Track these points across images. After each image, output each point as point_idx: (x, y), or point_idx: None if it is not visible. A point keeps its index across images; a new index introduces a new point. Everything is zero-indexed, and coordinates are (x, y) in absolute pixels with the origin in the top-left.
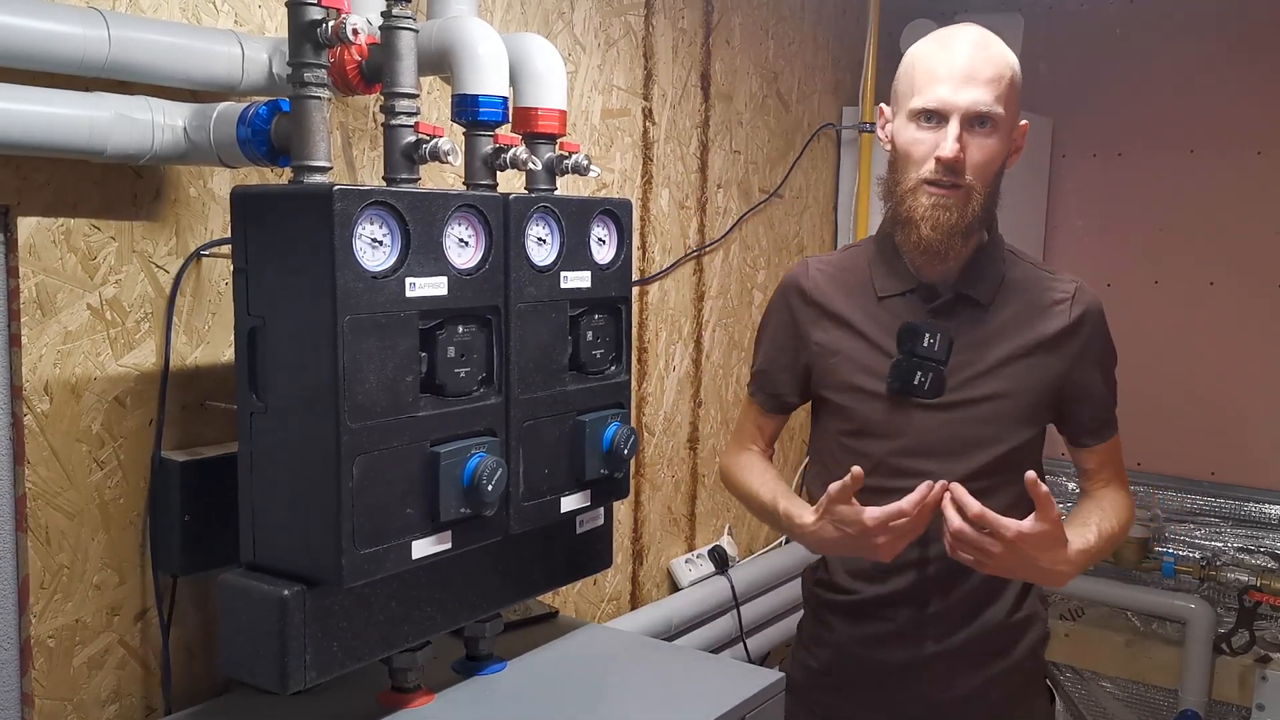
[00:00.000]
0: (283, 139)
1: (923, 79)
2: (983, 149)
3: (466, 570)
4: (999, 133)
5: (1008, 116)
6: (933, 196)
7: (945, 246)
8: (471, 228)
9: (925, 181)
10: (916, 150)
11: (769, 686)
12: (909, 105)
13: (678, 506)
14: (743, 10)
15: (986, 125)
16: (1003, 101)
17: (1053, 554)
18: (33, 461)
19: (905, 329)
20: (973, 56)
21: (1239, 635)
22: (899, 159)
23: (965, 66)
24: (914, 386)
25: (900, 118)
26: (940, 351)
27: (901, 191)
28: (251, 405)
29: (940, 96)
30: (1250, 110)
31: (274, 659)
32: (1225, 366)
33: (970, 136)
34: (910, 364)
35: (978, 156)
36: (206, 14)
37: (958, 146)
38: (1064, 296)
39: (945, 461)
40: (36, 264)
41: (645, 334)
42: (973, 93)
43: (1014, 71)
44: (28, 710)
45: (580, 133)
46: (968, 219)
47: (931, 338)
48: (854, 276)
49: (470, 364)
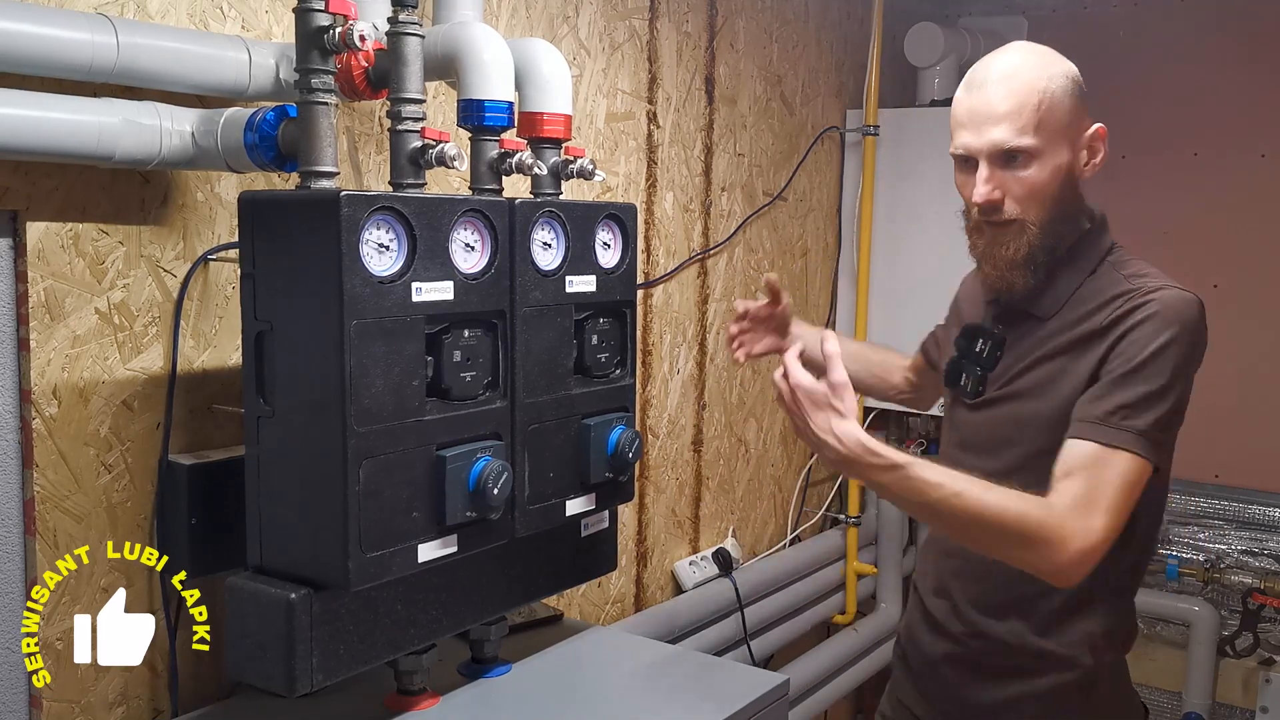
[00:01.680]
0: (290, 144)
1: (953, 124)
2: (1021, 182)
3: (472, 573)
4: (1037, 160)
5: (1047, 139)
6: (985, 235)
7: (1006, 281)
8: (477, 232)
9: (979, 221)
10: (965, 191)
11: (773, 690)
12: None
13: (682, 509)
14: (747, 14)
15: (1019, 159)
16: (1030, 130)
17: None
18: (41, 465)
19: (965, 331)
20: (992, 94)
21: (1243, 638)
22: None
23: (983, 107)
24: (959, 387)
25: None
26: (987, 358)
27: (969, 228)
28: (259, 409)
29: (963, 142)
30: (1254, 113)
31: (281, 662)
32: (1229, 369)
33: (1006, 172)
34: (958, 365)
35: (1018, 190)
36: (214, 20)
37: (986, 189)
38: (1120, 299)
39: (983, 458)
40: (45, 268)
41: (649, 337)
42: (992, 133)
43: (1042, 95)
44: (36, 712)
45: (585, 136)
46: (1024, 251)
47: (983, 343)
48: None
49: (476, 368)
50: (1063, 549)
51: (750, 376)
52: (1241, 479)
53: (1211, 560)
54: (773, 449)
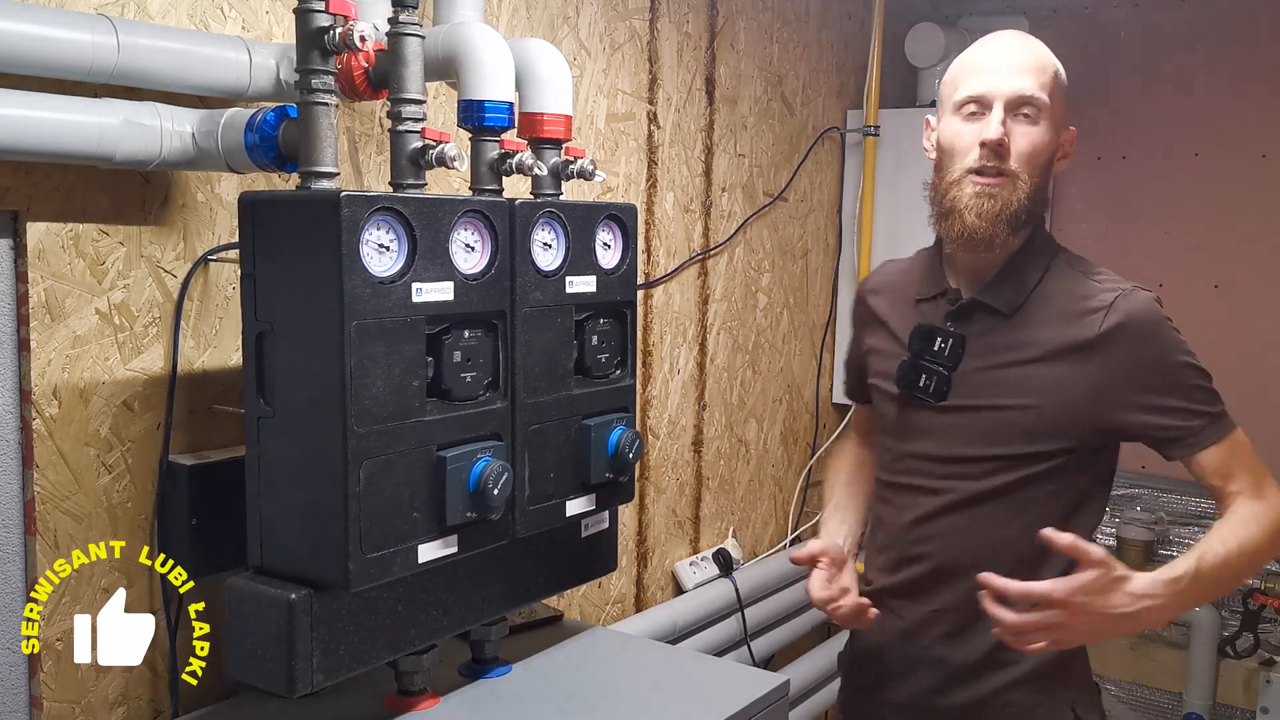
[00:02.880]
0: (290, 145)
1: (967, 72)
2: (1028, 137)
3: (472, 574)
4: (1045, 121)
5: (1054, 107)
6: (977, 185)
7: (990, 235)
8: (477, 233)
9: (970, 171)
10: (960, 142)
11: (773, 690)
12: (954, 98)
13: (682, 509)
14: (747, 14)
15: (1030, 114)
16: (1047, 90)
17: (1118, 595)
18: (41, 465)
19: (918, 330)
20: (1016, 48)
21: (1244, 638)
22: (944, 156)
23: (1008, 57)
24: (919, 389)
25: (945, 118)
26: (949, 357)
27: (946, 184)
28: (259, 410)
29: (984, 84)
30: (1255, 113)
31: (281, 662)
32: (1230, 369)
33: (1015, 124)
34: (917, 366)
35: (1023, 144)
36: (214, 20)
37: (1001, 130)
38: (1099, 305)
39: (946, 464)
40: (45, 269)
41: (650, 337)
42: (1016, 79)
43: (1058, 68)
44: (36, 712)
45: (585, 137)
46: (1013, 207)
47: (943, 342)
48: (907, 279)
49: (476, 368)
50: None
51: (751, 377)
52: None
53: None
54: (773, 449)
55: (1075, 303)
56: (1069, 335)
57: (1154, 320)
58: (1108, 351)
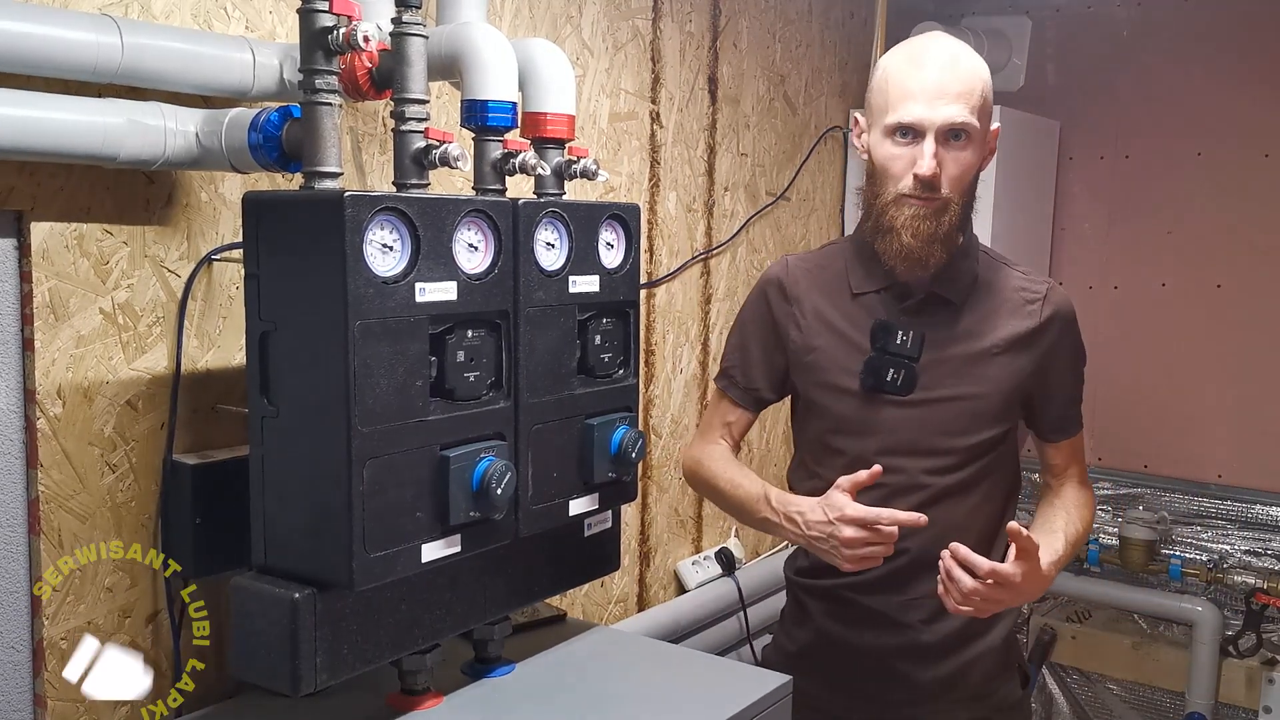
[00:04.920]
0: (294, 145)
1: (896, 95)
2: (958, 162)
3: (475, 573)
4: (973, 144)
5: (981, 128)
6: (912, 208)
7: (926, 254)
8: (481, 233)
9: (904, 195)
10: (894, 166)
11: (776, 689)
12: (885, 120)
13: (685, 509)
14: (750, 14)
15: (961, 139)
16: (976, 113)
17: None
18: (45, 465)
19: (879, 326)
20: (945, 71)
21: (1246, 638)
22: (877, 173)
23: (938, 82)
24: (886, 383)
25: (876, 131)
26: (913, 349)
27: (882, 203)
28: (263, 409)
29: (915, 114)
30: (1257, 112)
31: (285, 661)
32: (1232, 369)
33: (945, 150)
34: (883, 361)
35: (954, 170)
36: (218, 20)
37: (934, 164)
38: (1035, 297)
39: (918, 458)
40: (49, 269)
41: (652, 337)
42: (946, 109)
43: (985, 83)
44: (40, 712)
45: (588, 136)
46: (945, 228)
47: (904, 335)
48: (831, 274)
49: (479, 368)
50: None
51: None
52: (1244, 479)
53: (1214, 560)
54: (776, 449)
55: (1013, 294)
56: (1015, 325)
57: (1074, 313)
58: (1042, 340)
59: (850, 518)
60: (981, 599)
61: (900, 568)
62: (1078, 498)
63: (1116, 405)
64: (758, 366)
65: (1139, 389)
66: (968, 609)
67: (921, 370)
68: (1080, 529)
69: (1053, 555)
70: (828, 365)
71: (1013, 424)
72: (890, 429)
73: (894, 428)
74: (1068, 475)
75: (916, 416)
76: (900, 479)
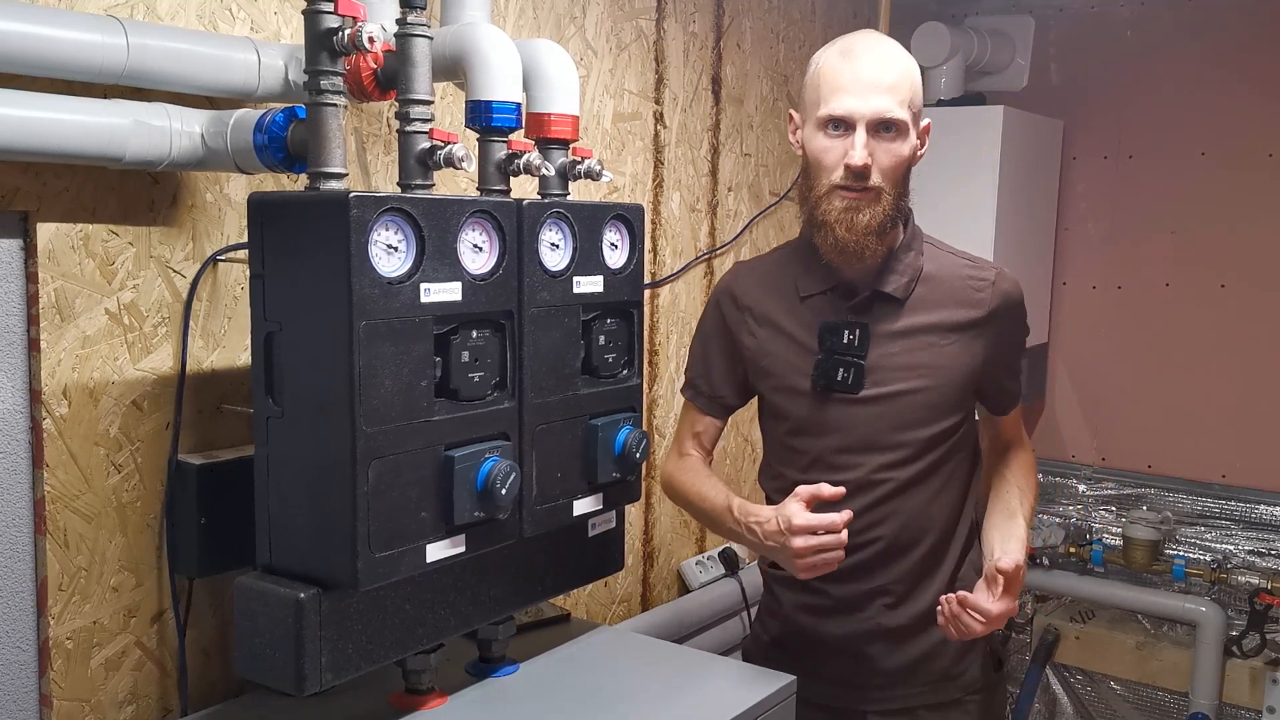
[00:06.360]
0: (299, 145)
1: (828, 88)
2: (889, 153)
3: (480, 573)
4: (904, 136)
5: (910, 119)
6: (845, 200)
7: (860, 246)
8: (485, 233)
9: (837, 187)
10: (827, 158)
11: (780, 689)
12: (817, 114)
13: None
14: (753, 14)
15: (891, 130)
16: (905, 105)
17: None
18: (51, 465)
19: (825, 327)
20: (875, 64)
21: (1250, 638)
22: (811, 166)
23: (868, 75)
24: (837, 382)
25: (809, 125)
26: (860, 347)
27: (815, 197)
28: (268, 409)
29: (846, 105)
30: (1261, 112)
31: (290, 661)
32: (1236, 369)
33: (877, 142)
34: (832, 361)
35: (885, 160)
36: (223, 21)
37: (865, 154)
38: (983, 284)
39: (876, 453)
40: (55, 269)
41: (656, 337)
42: (876, 100)
43: (915, 78)
44: (46, 711)
45: (592, 136)
46: (879, 219)
47: (850, 334)
48: (781, 278)
49: (484, 369)
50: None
51: None
52: (1248, 479)
53: (1218, 561)
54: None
55: (959, 282)
56: (962, 314)
57: (1020, 296)
58: (992, 326)
59: (796, 527)
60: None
61: (867, 558)
62: (1023, 464)
63: (1120, 405)
64: (720, 374)
65: (1143, 389)
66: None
67: (871, 367)
68: (1032, 499)
69: (1018, 543)
70: (781, 369)
71: (969, 411)
72: (846, 427)
73: (850, 425)
74: (1012, 443)
75: (870, 413)
76: (860, 474)
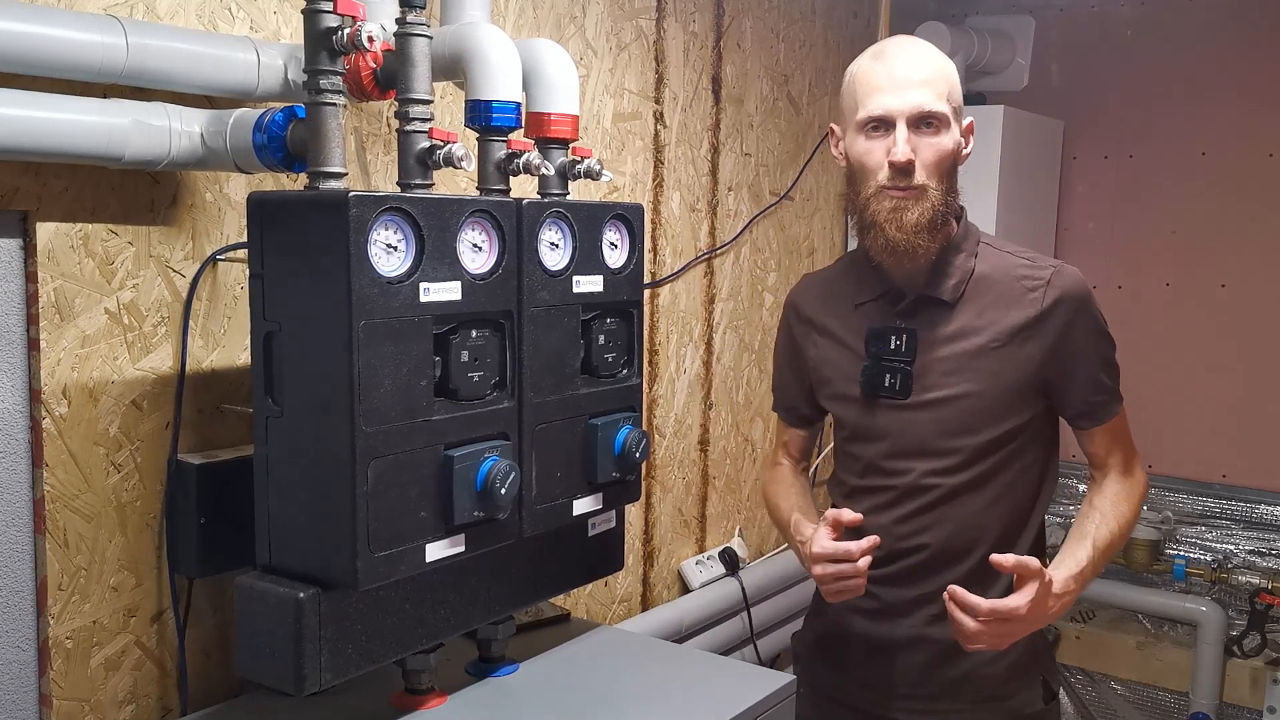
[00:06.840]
0: (298, 145)
1: (864, 91)
2: (932, 147)
3: (480, 573)
4: (945, 129)
5: (952, 113)
6: (892, 199)
7: (911, 245)
8: (485, 233)
9: (884, 187)
10: (870, 159)
11: (780, 689)
12: (856, 118)
13: (688, 508)
14: (754, 13)
15: (932, 125)
16: (944, 99)
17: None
18: (51, 464)
19: (872, 333)
20: (908, 62)
21: (1250, 638)
22: (855, 172)
23: (902, 72)
24: (885, 389)
25: (850, 133)
26: (906, 352)
27: (863, 200)
28: (268, 409)
29: (884, 104)
30: (1262, 111)
31: (289, 661)
32: (1236, 368)
33: (918, 137)
34: (879, 367)
35: (929, 155)
36: (223, 21)
37: (908, 149)
38: (1037, 283)
39: (925, 459)
40: (55, 269)
41: (656, 336)
42: (913, 95)
43: (950, 73)
44: (45, 710)
45: (591, 136)
46: (928, 215)
47: (897, 339)
48: (838, 288)
49: (483, 368)
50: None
51: (757, 376)
52: (1248, 479)
53: (1219, 560)
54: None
55: (1013, 283)
56: (1015, 316)
57: (1086, 294)
58: (1049, 326)
59: (815, 555)
60: (990, 636)
61: (916, 564)
62: (1116, 491)
63: None
64: (792, 386)
65: (1143, 389)
66: (980, 645)
67: (919, 372)
68: (1116, 527)
69: (1073, 568)
70: (835, 377)
71: (1028, 418)
72: (896, 432)
73: (899, 431)
74: (1109, 465)
75: (919, 418)
76: (909, 479)
